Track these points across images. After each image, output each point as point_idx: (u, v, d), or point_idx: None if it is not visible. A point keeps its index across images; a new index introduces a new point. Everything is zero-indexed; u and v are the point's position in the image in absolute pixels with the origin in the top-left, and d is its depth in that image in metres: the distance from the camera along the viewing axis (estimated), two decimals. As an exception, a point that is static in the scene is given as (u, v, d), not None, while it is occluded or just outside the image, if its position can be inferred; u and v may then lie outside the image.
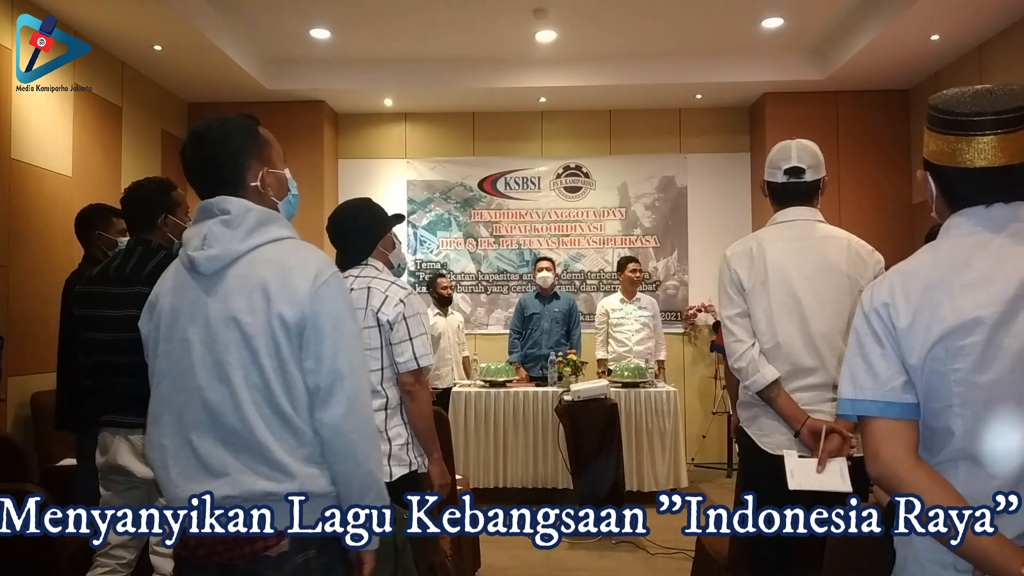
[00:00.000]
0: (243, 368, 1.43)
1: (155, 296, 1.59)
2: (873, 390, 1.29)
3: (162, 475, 1.49)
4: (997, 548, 1.18)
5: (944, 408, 1.25)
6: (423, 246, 7.26)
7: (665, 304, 6.93)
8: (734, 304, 2.35)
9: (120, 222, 3.43)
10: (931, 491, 1.23)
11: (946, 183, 1.34)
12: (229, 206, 1.50)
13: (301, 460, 1.44)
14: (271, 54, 6.25)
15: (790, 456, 2.14)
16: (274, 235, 1.52)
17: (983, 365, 1.22)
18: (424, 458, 2.49)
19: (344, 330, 1.49)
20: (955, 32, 5.24)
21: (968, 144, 1.27)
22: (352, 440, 1.46)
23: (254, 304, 1.44)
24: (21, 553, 2.53)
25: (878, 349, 1.30)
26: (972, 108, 1.27)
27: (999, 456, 1.23)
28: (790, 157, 2.36)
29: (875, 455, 1.29)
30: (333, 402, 1.45)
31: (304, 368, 1.46)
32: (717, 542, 2.95)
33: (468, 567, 3.71)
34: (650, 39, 6.01)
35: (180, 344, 1.49)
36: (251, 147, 1.57)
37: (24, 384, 4.35)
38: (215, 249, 1.47)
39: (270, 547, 1.42)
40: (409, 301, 2.43)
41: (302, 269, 1.48)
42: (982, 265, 1.26)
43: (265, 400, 1.43)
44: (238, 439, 1.43)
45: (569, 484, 5.14)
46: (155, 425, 1.51)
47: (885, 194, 6.54)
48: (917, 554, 1.31)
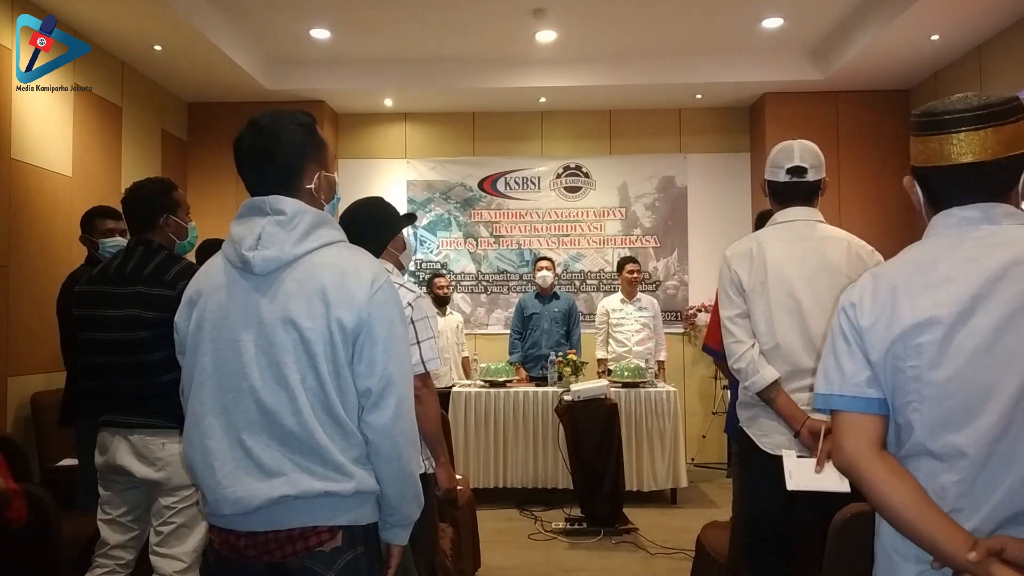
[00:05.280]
0: (300, 371, 1.44)
1: (196, 293, 1.55)
2: (840, 385, 1.35)
3: (206, 476, 1.46)
4: (946, 534, 1.21)
5: (904, 404, 1.30)
6: (423, 246, 7.26)
7: (665, 304, 6.93)
8: (734, 305, 2.35)
9: (104, 223, 3.45)
10: (887, 480, 1.27)
11: (928, 184, 1.39)
12: (284, 206, 1.49)
13: (352, 461, 1.47)
14: (271, 54, 6.26)
15: (789, 456, 2.14)
16: (327, 239, 1.52)
17: (938, 362, 1.26)
18: (431, 461, 2.49)
19: (396, 335, 1.50)
20: (955, 32, 5.24)
21: (944, 142, 1.32)
22: (398, 443, 1.50)
23: (313, 308, 1.44)
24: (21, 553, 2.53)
25: (845, 347, 1.36)
26: (946, 108, 1.33)
27: (956, 451, 1.25)
28: (793, 156, 2.36)
29: (840, 446, 1.35)
30: (383, 406, 1.47)
31: (356, 372, 1.47)
32: (717, 542, 2.95)
33: (468, 567, 3.71)
34: (650, 39, 6.01)
35: (229, 345, 1.47)
36: (311, 148, 1.56)
37: (24, 384, 4.35)
38: (272, 250, 1.46)
39: (324, 543, 1.45)
40: (417, 304, 2.42)
41: (358, 274, 1.49)
42: (946, 266, 1.30)
43: (320, 402, 1.45)
44: (295, 440, 1.43)
45: (569, 484, 5.13)
46: (196, 427, 1.48)
47: (885, 194, 6.54)
48: (883, 546, 1.36)
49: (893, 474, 1.28)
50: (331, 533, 1.45)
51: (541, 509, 5.34)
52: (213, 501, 1.46)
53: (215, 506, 1.46)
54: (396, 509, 1.54)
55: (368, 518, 1.52)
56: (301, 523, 1.44)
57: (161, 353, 2.35)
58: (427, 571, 2.57)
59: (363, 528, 1.51)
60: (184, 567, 2.42)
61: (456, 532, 3.42)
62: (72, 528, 2.80)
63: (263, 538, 1.44)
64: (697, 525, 3.47)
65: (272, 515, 1.43)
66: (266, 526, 1.44)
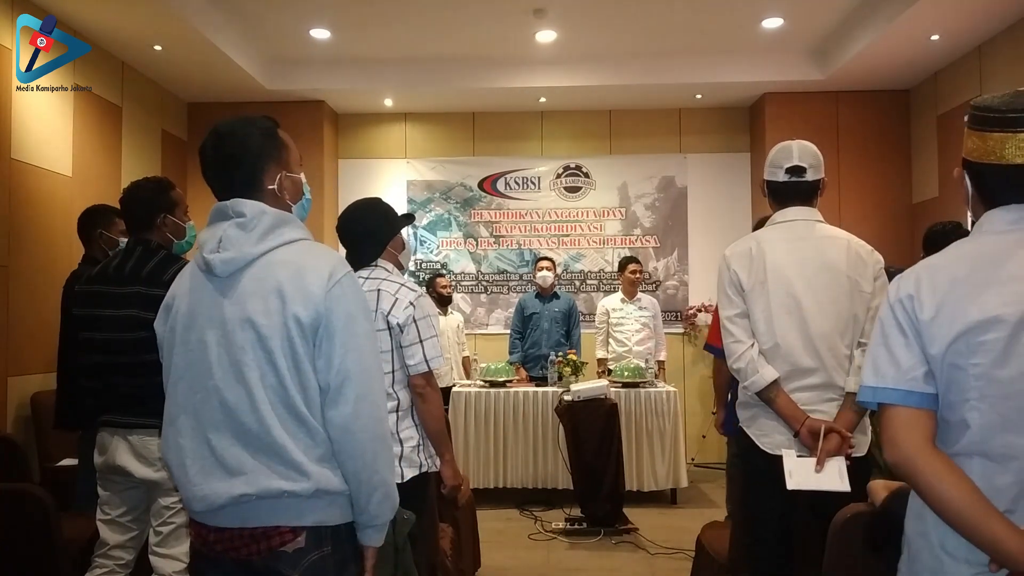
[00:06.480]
0: (259, 368, 1.45)
1: (171, 297, 1.60)
2: (895, 378, 1.31)
3: (180, 474, 1.50)
4: (1009, 536, 1.19)
5: (962, 401, 1.27)
6: (423, 246, 7.26)
7: (665, 304, 6.93)
8: (733, 304, 2.35)
9: (122, 222, 3.43)
10: (947, 479, 1.24)
11: (981, 180, 1.36)
12: (244, 208, 1.51)
13: (315, 459, 1.47)
14: (271, 54, 6.26)
15: (789, 456, 2.14)
16: (288, 237, 1.53)
17: (1004, 361, 1.24)
18: (434, 459, 2.50)
19: (354, 330, 1.50)
20: (955, 32, 5.24)
21: (1006, 141, 1.29)
22: (360, 440, 1.49)
23: (269, 306, 1.46)
24: (21, 553, 2.53)
25: (901, 339, 1.32)
26: (1012, 105, 1.29)
27: (1014, 452, 1.23)
28: (792, 156, 2.36)
29: (893, 442, 1.30)
30: (341, 402, 1.47)
31: (316, 367, 1.48)
32: (717, 542, 2.95)
33: (468, 567, 3.71)
34: (650, 39, 6.01)
35: (197, 345, 1.50)
36: (271, 150, 1.59)
37: (24, 384, 4.35)
38: (230, 252, 1.49)
39: (286, 543, 1.45)
40: (419, 304, 2.43)
41: (316, 269, 1.50)
42: (1012, 263, 1.27)
43: (280, 400, 1.46)
44: (254, 438, 1.45)
45: (569, 484, 5.13)
46: (171, 425, 1.52)
47: (885, 194, 6.54)
48: (931, 545, 1.32)
49: (953, 472, 1.25)
50: (294, 533, 1.46)
51: (541, 509, 5.34)
52: (186, 499, 1.51)
53: (187, 503, 1.51)
54: (363, 509, 1.52)
55: (337, 519, 1.51)
56: (265, 522, 1.45)
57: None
58: (427, 571, 2.57)
59: (331, 529, 1.50)
60: (183, 567, 2.42)
61: (456, 532, 3.41)
62: (72, 528, 2.80)
63: (229, 534, 1.47)
64: (697, 525, 3.47)
65: (238, 513, 1.46)
66: (232, 523, 1.47)
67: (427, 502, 2.50)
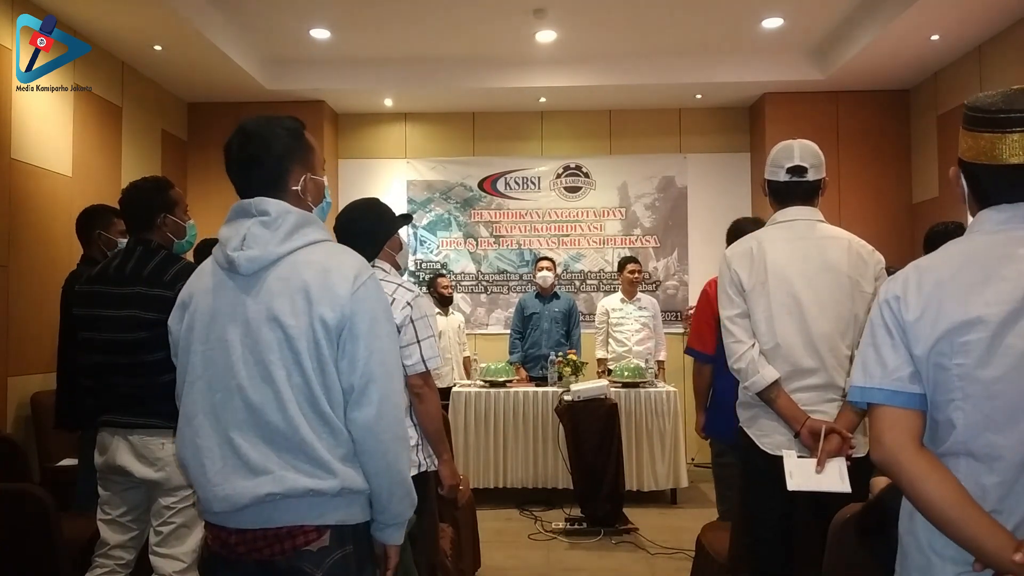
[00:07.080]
0: (285, 368, 1.46)
1: (188, 296, 1.59)
2: (881, 379, 1.32)
3: (198, 474, 1.49)
4: (991, 535, 1.19)
5: (947, 401, 1.28)
6: (423, 246, 7.26)
7: (665, 304, 6.93)
8: (734, 305, 2.35)
9: (121, 222, 3.43)
10: (931, 478, 1.25)
11: (976, 180, 1.36)
12: (268, 207, 1.52)
13: (339, 458, 1.48)
14: (271, 54, 6.25)
15: (789, 456, 2.14)
16: (312, 238, 1.54)
17: (987, 361, 1.24)
18: (432, 459, 2.50)
19: (378, 332, 1.51)
20: (955, 32, 5.23)
21: (999, 141, 1.30)
22: (383, 440, 1.50)
23: (296, 306, 1.47)
24: (21, 553, 2.53)
25: (888, 340, 1.33)
26: (1005, 105, 1.29)
27: (998, 452, 1.23)
28: (793, 156, 2.35)
29: (878, 441, 1.32)
30: (365, 403, 1.48)
31: (340, 368, 1.49)
32: (717, 542, 2.95)
33: (468, 567, 3.71)
34: (650, 39, 6.00)
35: (218, 344, 1.50)
36: (297, 151, 1.59)
37: (24, 384, 4.34)
38: (255, 250, 1.49)
39: (311, 542, 1.46)
40: (416, 303, 2.43)
41: (341, 271, 1.51)
42: (998, 264, 1.27)
43: (306, 399, 1.46)
44: (281, 437, 1.45)
45: (569, 484, 5.13)
46: (188, 425, 1.51)
47: (885, 194, 6.54)
48: (919, 544, 1.33)
49: (936, 471, 1.26)
50: (319, 532, 1.46)
51: (541, 509, 5.34)
52: (204, 499, 1.49)
53: (206, 504, 1.49)
54: (385, 507, 1.54)
55: (358, 517, 1.52)
56: (289, 522, 1.45)
57: (160, 353, 2.34)
58: (427, 571, 2.57)
59: (352, 527, 1.51)
60: (184, 567, 2.42)
61: (456, 532, 3.41)
62: (72, 528, 2.80)
63: (252, 535, 1.46)
64: (697, 525, 3.47)
65: (261, 513, 1.45)
66: (255, 524, 1.46)
67: (427, 502, 2.50)
